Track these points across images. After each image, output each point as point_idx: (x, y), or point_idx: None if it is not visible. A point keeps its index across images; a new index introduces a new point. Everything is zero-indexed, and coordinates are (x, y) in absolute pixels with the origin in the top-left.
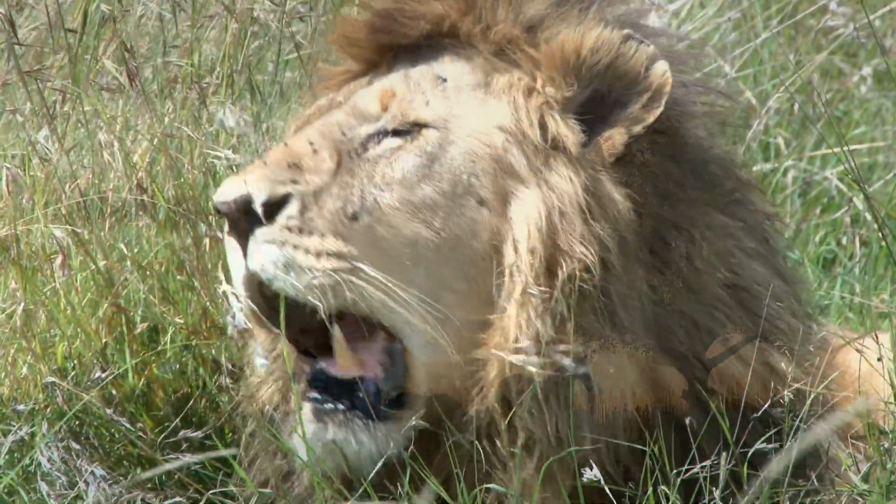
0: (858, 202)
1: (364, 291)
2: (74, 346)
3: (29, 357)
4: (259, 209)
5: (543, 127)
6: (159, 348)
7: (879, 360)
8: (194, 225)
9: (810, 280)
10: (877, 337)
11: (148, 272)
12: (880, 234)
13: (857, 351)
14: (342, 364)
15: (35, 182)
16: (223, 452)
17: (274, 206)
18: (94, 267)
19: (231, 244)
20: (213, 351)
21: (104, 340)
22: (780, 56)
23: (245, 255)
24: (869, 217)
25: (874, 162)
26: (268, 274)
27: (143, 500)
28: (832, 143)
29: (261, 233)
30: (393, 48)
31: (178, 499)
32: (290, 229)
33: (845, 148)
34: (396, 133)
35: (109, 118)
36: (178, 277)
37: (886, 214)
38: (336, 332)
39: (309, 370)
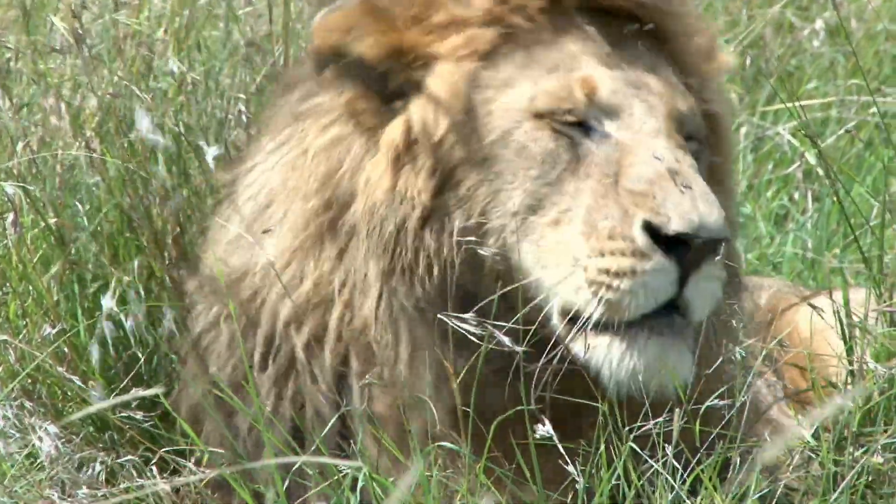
0: (810, 157)
1: None
2: (27, 303)
3: None
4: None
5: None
6: (110, 306)
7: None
8: (144, 183)
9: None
10: (830, 293)
11: (98, 229)
12: (832, 190)
13: (812, 307)
14: None
15: None
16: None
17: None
18: (45, 224)
19: (664, 265)
20: (163, 311)
21: (56, 298)
22: (733, 10)
23: (682, 283)
24: (821, 172)
25: (827, 117)
26: (703, 311)
27: (100, 461)
28: (784, 98)
29: (707, 268)
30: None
31: (129, 457)
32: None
33: (797, 103)
34: None
35: (59, 78)
36: (127, 235)
37: (838, 169)
38: None
39: None
